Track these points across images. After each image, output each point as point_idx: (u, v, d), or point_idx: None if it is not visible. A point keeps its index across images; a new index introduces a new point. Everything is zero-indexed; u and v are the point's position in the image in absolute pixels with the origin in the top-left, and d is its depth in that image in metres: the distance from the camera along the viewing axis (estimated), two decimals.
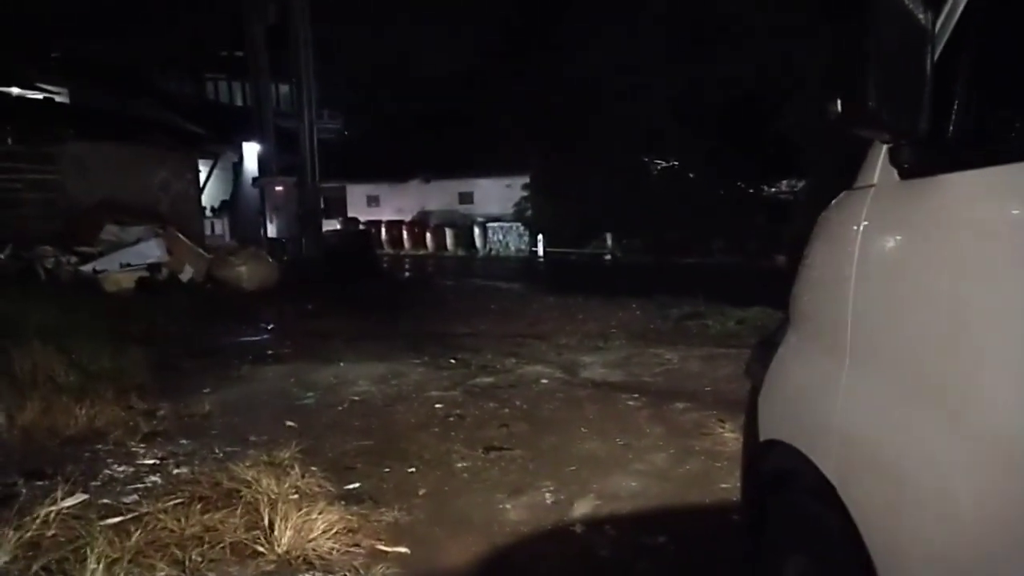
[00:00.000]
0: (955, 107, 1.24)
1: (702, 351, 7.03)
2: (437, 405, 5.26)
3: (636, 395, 5.42)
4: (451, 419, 4.92)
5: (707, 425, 4.58)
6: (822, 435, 1.47)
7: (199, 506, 3.08)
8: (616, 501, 3.45)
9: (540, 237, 25.57)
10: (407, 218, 29.02)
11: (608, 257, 23.88)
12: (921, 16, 1.22)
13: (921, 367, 1.21)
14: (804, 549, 1.58)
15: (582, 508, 3.38)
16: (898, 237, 1.37)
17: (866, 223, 1.43)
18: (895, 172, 1.34)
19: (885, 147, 1.38)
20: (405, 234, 28.31)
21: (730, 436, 4.27)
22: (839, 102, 1.20)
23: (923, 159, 1.26)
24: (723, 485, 3.56)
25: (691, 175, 24.20)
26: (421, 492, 3.60)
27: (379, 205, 30.23)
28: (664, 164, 25.11)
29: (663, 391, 5.54)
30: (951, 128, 1.24)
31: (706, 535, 3.10)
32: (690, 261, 19.42)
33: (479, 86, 26.37)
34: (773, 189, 23.58)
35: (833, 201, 1.64)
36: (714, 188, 23.07)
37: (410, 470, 3.93)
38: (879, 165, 1.43)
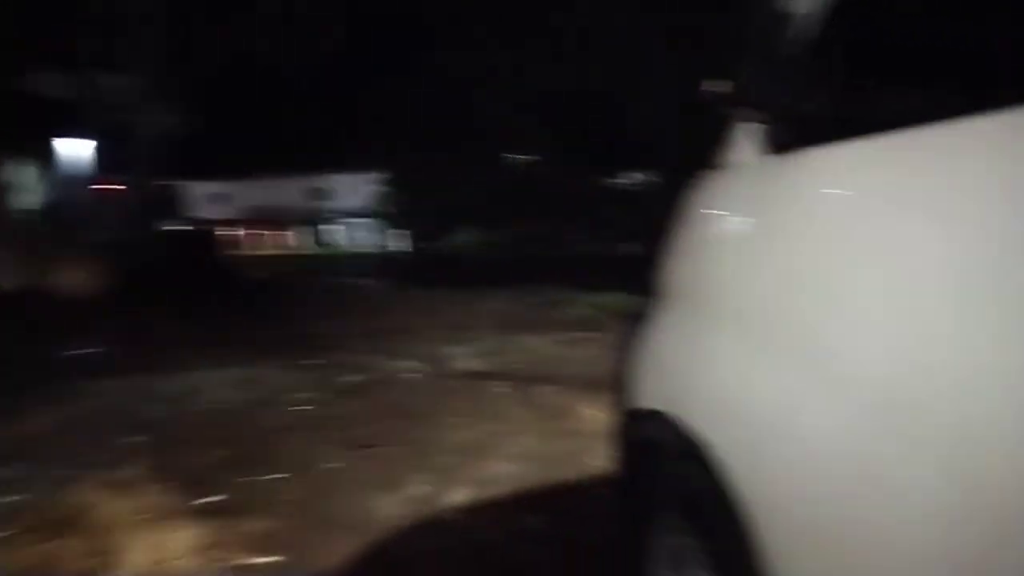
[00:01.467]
0: (816, 83, 1.31)
1: (564, 336, 7.23)
2: (302, 407, 5.07)
3: (504, 382, 5.48)
4: (318, 420, 4.75)
5: (573, 406, 4.71)
6: (693, 399, 1.53)
7: (35, 536, 2.79)
8: (492, 486, 3.46)
9: (401, 232, 25.29)
10: (259, 216, 27.77)
11: (470, 250, 23.98)
12: None
13: (787, 326, 1.28)
14: (675, 506, 1.64)
15: (459, 496, 3.37)
16: (763, 211, 1.44)
17: (732, 199, 1.50)
18: (760, 149, 1.40)
19: (750, 125, 1.45)
20: (258, 232, 27.10)
21: (597, 415, 4.41)
22: (711, 83, 1.24)
23: (787, 135, 1.33)
24: (594, 462, 3.66)
25: (548, 170, 24.79)
26: (291, 498, 3.45)
27: (229, 203, 28.71)
28: (524, 159, 25.54)
29: (530, 376, 5.64)
30: (814, 104, 1.31)
31: (581, 510, 3.18)
32: (549, 252, 19.88)
33: (338, 79, 25.64)
34: (622, 181, 24.60)
35: (697, 181, 1.71)
36: (569, 181, 23.75)
37: (277, 476, 3.74)
38: (744, 144, 1.50)
